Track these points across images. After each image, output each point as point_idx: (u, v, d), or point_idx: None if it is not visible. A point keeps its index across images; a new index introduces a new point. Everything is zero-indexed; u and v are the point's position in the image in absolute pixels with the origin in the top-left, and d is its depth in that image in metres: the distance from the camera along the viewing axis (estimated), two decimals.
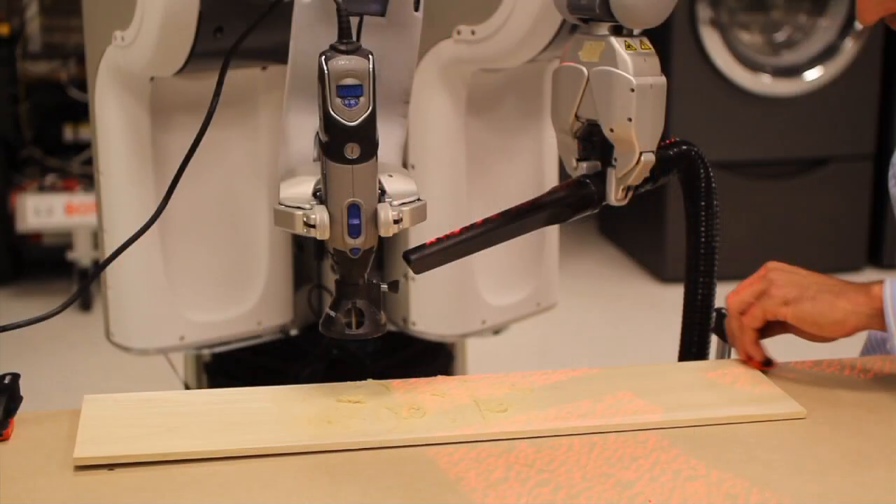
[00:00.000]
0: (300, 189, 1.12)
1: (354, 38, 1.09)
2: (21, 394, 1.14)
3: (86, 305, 3.82)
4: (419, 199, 1.15)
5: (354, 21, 1.12)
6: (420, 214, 1.14)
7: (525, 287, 1.98)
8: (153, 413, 1.12)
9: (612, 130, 1.20)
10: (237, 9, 1.45)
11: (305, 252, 1.98)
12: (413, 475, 1.02)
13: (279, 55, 1.21)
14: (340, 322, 1.15)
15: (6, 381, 1.14)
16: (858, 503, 0.98)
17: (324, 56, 1.07)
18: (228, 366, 1.97)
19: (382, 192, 1.12)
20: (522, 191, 1.82)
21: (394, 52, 1.19)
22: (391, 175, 1.14)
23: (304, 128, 1.17)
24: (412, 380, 1.22)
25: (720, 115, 4.08)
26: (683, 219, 1.37)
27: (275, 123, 1.79)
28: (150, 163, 1.73)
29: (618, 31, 1.19)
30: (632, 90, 1.17)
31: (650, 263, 4.34)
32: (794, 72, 4.12)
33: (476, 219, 1.23)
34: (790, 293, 1.21)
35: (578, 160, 1.27)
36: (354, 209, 1.09)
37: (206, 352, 1.95)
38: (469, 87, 1.80)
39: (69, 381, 3.31)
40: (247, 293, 1.87)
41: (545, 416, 1.13)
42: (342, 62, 1.06)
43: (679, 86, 3.88)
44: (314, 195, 1.11)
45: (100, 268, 1.70)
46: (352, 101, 1.06)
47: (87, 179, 3.93)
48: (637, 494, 0.98)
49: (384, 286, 1.16)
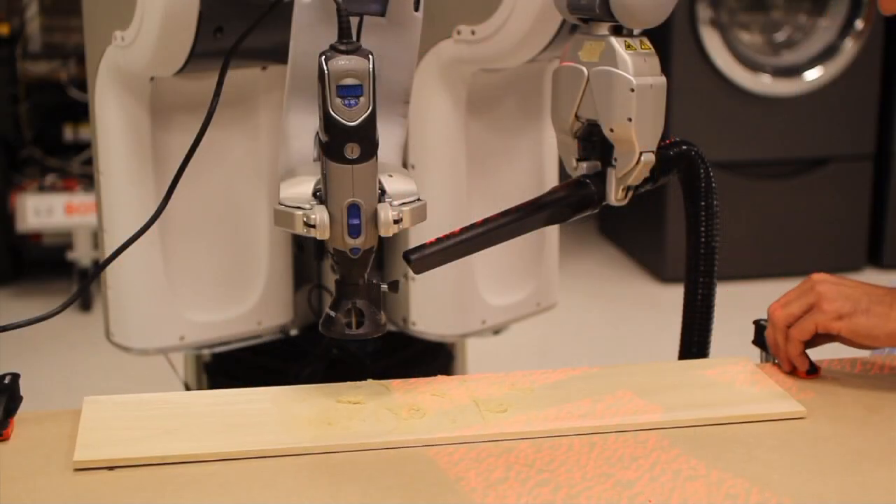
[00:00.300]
0: (300, 189, 1.12)
1: (354, 38, 1.09)
2: (21, 394, 1.14)
3: (86, 305, 3.82)
4: (419, 199, 1.14)
5: (354, 21, 1.12)
6: (420, 214, 1.14)
7: (525, 287, 1.98)
8: (153, 415, 1.12)
9: (612, 130, 1.20)
10: (237, 9, 1.45)
11: (305, 252, 1.98)
12: (413, 475, 1.02)
13: (279, 55, 1.21)
14: (340, 322, 1.14)
15: (6, 381, 1.14)
16: (858, 503, 0.98)
17: (324, 56, 1.07)
18: (228, 366, 1.97)
19: (382, 192, 1.12)
20: (522, 191, 1.82)
21: (394, 52, 1.19)
22: (391, 175, 1.14)
23: (304, 128, 1.17)
24: (412, 380, 1.22)
25: (720, 115, 4.08)
26: (683, 219, 1.37)
27: (275, 123, 1.79)
28: (150, 163, 1.73)
29: (618, 31, 1.19)
30: (632, 90, 1.17)
31: (650, 263, 4.34)
32: (794, 72, 4.12)
33: (476, 219, 1.23)
34: (843, 307, 1.19)
35: (578, 160, 1.27)
36: (354, 209, 1.09)
37: (206, 352, 1.95)
38: (469, 87, 1.80)
39: (69, 381, 3.31)
40: (247, 293, 1.87)
41: (545, 417, 1.13)
42: (342, 62, 1.06)
43: (679, 86, 3.88)
44: (314, 195, 1.11)
45: (100, 268, 1.70)
46: (352, 101, 1.06)
47: (87, 179, 3.93)
48: (637, 494, 0.98)
49: (384, 286, 1.16)
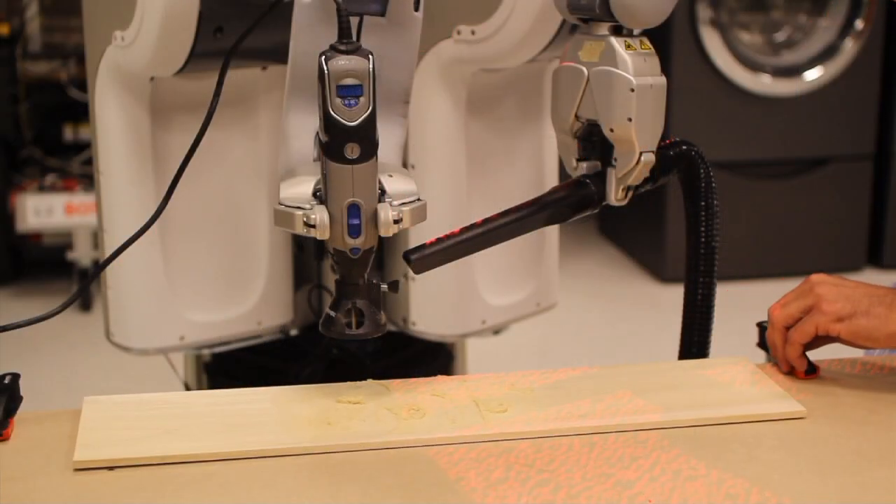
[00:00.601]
0: (300, 189, 1.12)
1: (354, 38, 1.09)
2: (21, 394, 1.14)
3: (86, 305, 3.82)
4: (419, 199, 1.14)
5: (354, 21, 1.12)
6: (420, 214, 1.14)
7: (525, 287, 1.98)
8: (153, 415, 1.12)
9: (612, 130, 1.20)
10: (237, 9, 1.45)
11: (305, 252, 1.98)
12: (413, 475, 1.02)
13: (279, 55, 1.21)
14: (340, 322, 1.14)
15: (6, 381, 1.14)
16: (858, 503, 0.98)
17: (324, 56, 1.07)
18: (228, 366, 1.97)
19: (382, 192, 1.12)
20: (522, 191, 1.82)
21: (394, 52, 1.19)
22: (391, 175, 1.14)
23: (304, 128, 1.17)
24: (412, 380, 1.22)
25: (720, 115, 4.08)
26: (683, 219, 1.37)
27: (275, 123, 1.79)
28: (150, 163, 1.73)
29: (618, 31, 1.19)
30: (632, 90, 1.17)
31: (650, 263, 4.34)
32: (794, 72, 4.12)
33: (476, 219, 1.23)
34: (843, 309, 1.18)
35: (578, 160, 1.27)
36: (354, 209, 1.09)
37: (206, 352, 1.95)
38: (469, 87, 1.80)
39: (69, 381, 3.31)
40: (247, 293, 1.87)
41: (545, 417, 1.13)
42: (342, 62, 1.06)
43: (679, 86, 3.88)
44: (314, 195, 1.11)
45: (100, 268, 1.70)
46: (352, 101, 1.06)
47: (87, 179, 3.93)
48: (637, 494, 0.98)
49: (384, 286, 1.16)
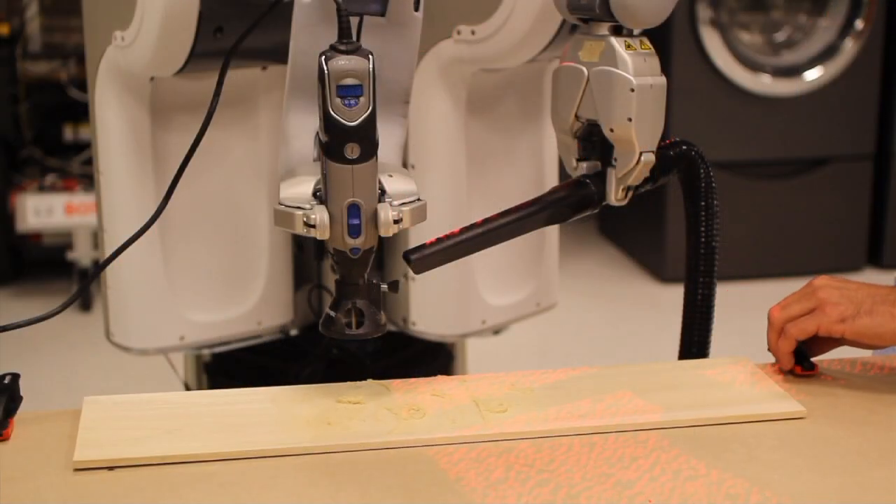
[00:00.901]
0: (300, 189, 1.12)
1: (354, 38, 1.09)
2: (21, 394, 1.14)
3: (86, 305, 3.82)
4: (419, 199, 1.14)
5: (354, 21, 1.12)
6: (420, 214, 1.14)
7: (525, 287, 1.98)
8: (153, 415, 1.12)
9: (612, 130, 1.20)
10: (237, 9, 1.45)
11: (305, 252, 1.98)
12: (413, 475, 1.02)
13: (279, 55, 1.21)
14: (340, 322, 1.14)
15: (6, 381, 1.14)
16: (858, 503, 0.98)
17: (324, 56, 1.07)
18: (228, 366, 1.97)
19: (382, 192, 1.12)
20: (522, 191, 1.82)
21: (394, 52, 1.19)
22: (391, 175, 1.14)
23: (304, 128, 1.17)
24: (412, 380, 1.22)
25: (720, 115, 4.08)
26: (683, 219, 1.37)
27: (275, 123, 1.79)
28: (150, 163, 1.73)
29: (618, 31, 1.19)
30: (632, 90, 1.17)
31: (650, 263, 4.34)
32: (794, 72, 4.12)
33: (476, 219, 1.23)
34: (846, 310, 1.19)
35: (578, 160, 1.27)
36: (354, 209, 1.09)
37: (206, 352, 1.95)
38: (469, 87, 1.80)
39: (69, 381, 3.31)
40: (247, 293, 1.87)
41: (545, 417, 1.13)
42: (342, 62, 1.06)
43: (679, 86, 3.88)
44: (314, 195, 1.11)
45: (100, 268, 1.70)
46: (352, 101, 1.06)
47: (87, 179, 3.93)
48: (637, 494, 0.98)
49: (384, 286, 1.16)
